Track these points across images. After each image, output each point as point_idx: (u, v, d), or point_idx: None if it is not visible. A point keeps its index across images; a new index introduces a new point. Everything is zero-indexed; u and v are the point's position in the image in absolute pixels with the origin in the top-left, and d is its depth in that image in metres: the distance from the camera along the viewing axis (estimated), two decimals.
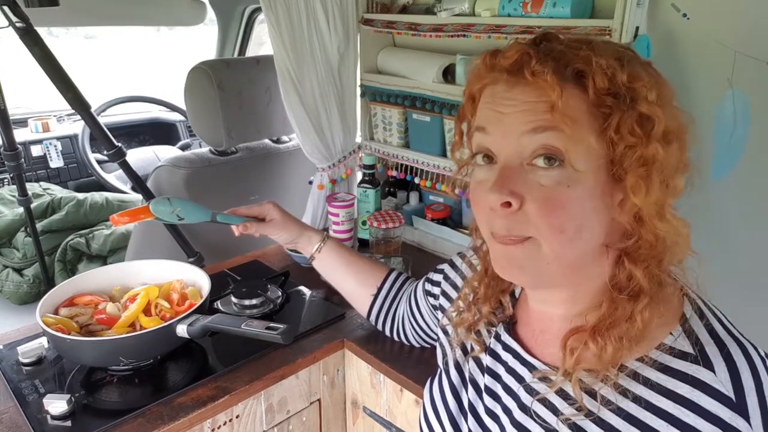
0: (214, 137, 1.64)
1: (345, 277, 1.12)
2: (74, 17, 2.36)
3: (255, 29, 2.66)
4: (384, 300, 1.08)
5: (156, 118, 3.09)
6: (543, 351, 0.67)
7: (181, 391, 1.01)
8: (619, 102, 0.54)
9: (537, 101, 0.55)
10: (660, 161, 0.55)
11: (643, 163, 0.55)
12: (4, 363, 1.07)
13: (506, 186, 0.56)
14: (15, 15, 1.35)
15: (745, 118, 1.05)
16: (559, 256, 0.58)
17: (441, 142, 1.51)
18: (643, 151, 0.55)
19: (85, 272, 1.15)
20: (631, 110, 0.54)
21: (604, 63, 0.54)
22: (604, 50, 0.56)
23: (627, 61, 0.56)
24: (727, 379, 0.53)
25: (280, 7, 1.46)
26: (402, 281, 1.08)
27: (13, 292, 2.10)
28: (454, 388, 0.76)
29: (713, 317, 0.59)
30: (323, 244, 1.11)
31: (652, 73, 0.57)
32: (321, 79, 1.59)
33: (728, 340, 0.56)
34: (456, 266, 0.89)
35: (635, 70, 0.55)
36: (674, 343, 0.57)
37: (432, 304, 0.93)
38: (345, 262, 1.11)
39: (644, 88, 0.55)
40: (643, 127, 0.54)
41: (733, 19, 1.05)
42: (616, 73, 0.54)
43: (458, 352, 0.78)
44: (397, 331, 1.08)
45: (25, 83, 2.90)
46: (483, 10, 1.32)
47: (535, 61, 0.55)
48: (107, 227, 2.23)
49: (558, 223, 0.56)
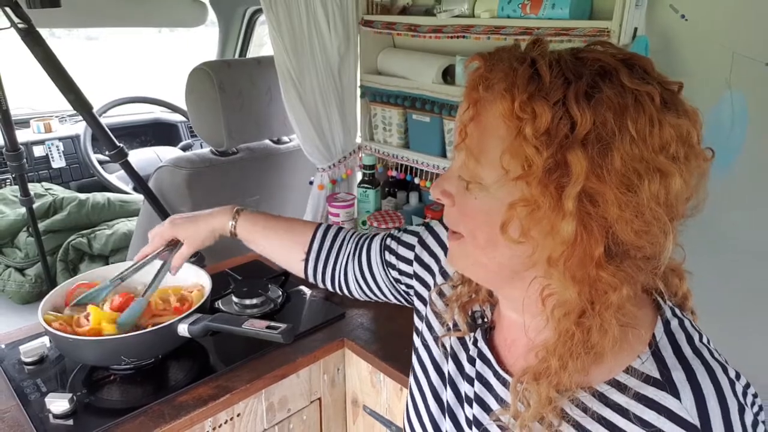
0: (215, 138, 1.65)
1: (271, 246, 1.05)
2: (76, 18, 2.36)
3: (256, 30, 2.67)
4: (318, 257, 1.00)
5: (157, 118, 3.10)
6: (513, 362, 0.67)
7: (183, 389, 1.02)
8: (514, 131, 0.52)
9: (462, 115, 0.57)
10: (539, 205, 0.52)
11: (526, 201, 0.53)
12: (6, 362, 1.08)
13: (439, 185, 0.63)
14: (17, 16, 1.35)
15: (743, 119, 1.06)
16: (478, 260, 0.61)
17: (441, 143, 1.52)
18: (526, 191, 0.53)
19: (87, 272, 1.16)
20: (520, 145, 0.52)
21: (513, 92, 0.52)
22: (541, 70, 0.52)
23: (544, 89, 0.51)
24: (692, 405, 0.52)
25: (280, 8, 1.47)
26: (334, 233, 1.02)
27: (15, 291, 2.11)
28: (433, 388, 0.76)
29: (684, 337, 0.57)
30: (234, 222, 1.03)
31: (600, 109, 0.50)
32: (321, 80, 1.60)
33: (696, 364, 0.54)
34: (426, 245, 0.85)
35: (527, 99, 0.51)
36: (641, 367, 0.56)
37: (394, 278, 0.90)
38: (264, 233, 1.04)
39: (527, 121, 0.51)
40: (528, 166, 0.52)
41: (731, 19, 1.06)
42: (510, 99, 0.52)
43: (436, 349, 0.77)
44: (339, 286, 1.01)
45: (27, 84, 2.92)
46: (482, 12, 1.33)
47: (475, 71, 0.56)
48: (109, 227, 2.24)
49: (468, 229, 0.61)
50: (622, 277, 0.53)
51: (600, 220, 0.52)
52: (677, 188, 0.51)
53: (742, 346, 0.72)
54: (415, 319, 0.85)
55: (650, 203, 0.50)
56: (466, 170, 0.58)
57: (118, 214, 2.33)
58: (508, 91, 0.52)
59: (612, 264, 0.53)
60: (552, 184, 0.51)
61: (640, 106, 0.50)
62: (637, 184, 0.50)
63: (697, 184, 0.54)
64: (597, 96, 0.50)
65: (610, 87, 0.51)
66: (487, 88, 0.54)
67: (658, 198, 0.51)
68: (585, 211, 0.51)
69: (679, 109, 0.53)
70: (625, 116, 0.50)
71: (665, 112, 0.51)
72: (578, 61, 0.53)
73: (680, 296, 0.64)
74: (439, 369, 0.76)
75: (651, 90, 0.51)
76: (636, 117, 0.50)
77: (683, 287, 0.65)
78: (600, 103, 0.50)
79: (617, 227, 0.51)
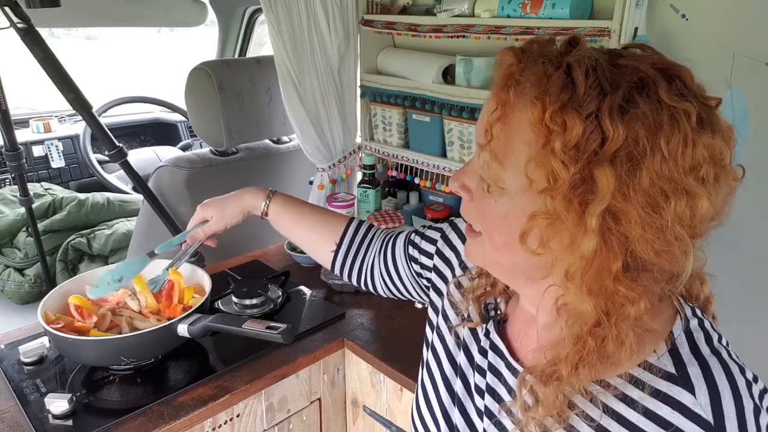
0: (214, 137, 1.64)
1: (301, 232, 1.06)
2: (76, 18, 2.36)
3: (255, 30, 2.66)
4: (347, 251, 1.01)
5: (157, 118, 3.10)
6: (525, 354, 0.67)
7: (182, 390, 1.02)
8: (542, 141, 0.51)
9: (484, 118, 0.56)
10: (563, 220, 0.51)
11: (549, 214, 0.52)
12: (5, 362, 1.08)
13: (459, 178, 0.62)
14: (16, 16, 1.35)
15: (743, 118, 1.06)
16: (496, 260, 0.61)
17: (441, 143, 1.52)
18: (550, 204, 0.51)
19: (87, 272, 1.16)
20: (547, 158, 0.50)
21: (544, 100, 0.50)
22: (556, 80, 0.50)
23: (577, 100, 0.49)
24: (707, 402, 0.52)
25: (280, 7, 1.47)
26: (365, 230, 1.02)
27: (14, 291, 2.11)
28: (446, 378, 0.76)
29: (703, 337, 0.57)
30: (268, 202, 1.04)
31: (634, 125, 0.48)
32: (321, 80, 1.60)
33: (713, 362, 0.54)
34: (448, 240, 0.86)
35: (559, 110, 0.49)
36: (657, 362, 0.55)
37: (416, 272, 0.90)
38: (295, 219, 1.04)
39: (562, 142, 0.49)
40: (555, 180, 0.50)
41: (732, 19, 1.06)
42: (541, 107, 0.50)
43: (451, 340, 0.77)
44: (365, 282, 1.01)
45: (26, 84, 2.91)
46: (482, 11, 1.32)
47: (505, 70, 0.54)
48: (108, 227, 2.24)
49: (486, 229, 0.60)
50: (639, 291, 0.52)
51: (621, 237, 0.51)
52: (703, 211, 0.50)
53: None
54: (430, 312, 0.85)
55: (674, 225, 0.49)
56: (488, 172, 0.56)
57: (118, 214, 2.32)
58: (539, 98, 0.50)
59: (629, 278, 0.52)
60: (576, 199, 0.50)
61: (675, 123, 0.49)
62: (663, 205, 0.49)
63: (723, 203, 0.53)
64: (632, 111, 0.49)
65: (647, 102, 0.49)
66: (518, 93, 0.53)
67: (682, 220, 0.50)
68: (606, 227, 0.50)
69: (715, 128, 0.51)
70: (659, 134, 0.48)
71: (700, 131, 0.49)
72: (616, 68, 0.51)
73: (702, 300, 0.64)
74: (453, 360, 0.76)
75: (688, 108, 0.49)
76: (670, 136, 0.48)
77: (705, 291, 0.64)
78: (635, 118, 0.48)
79: (638, 246, 0.50)
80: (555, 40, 0.55)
